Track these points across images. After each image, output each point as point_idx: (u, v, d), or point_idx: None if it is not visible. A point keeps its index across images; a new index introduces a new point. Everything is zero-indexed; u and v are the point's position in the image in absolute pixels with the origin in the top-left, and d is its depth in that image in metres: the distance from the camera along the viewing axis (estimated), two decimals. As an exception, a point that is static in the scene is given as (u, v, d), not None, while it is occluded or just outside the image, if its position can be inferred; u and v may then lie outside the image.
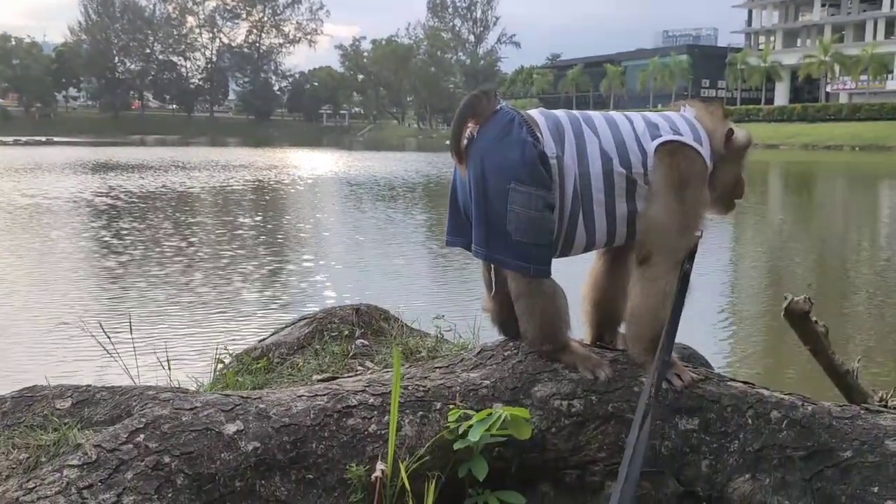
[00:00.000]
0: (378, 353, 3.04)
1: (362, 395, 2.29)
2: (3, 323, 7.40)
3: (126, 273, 10.21)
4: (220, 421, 2.01)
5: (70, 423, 2.01)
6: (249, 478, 1.96)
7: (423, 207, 20.31)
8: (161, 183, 24.58)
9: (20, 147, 56.16)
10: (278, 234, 14.47)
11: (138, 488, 1.77)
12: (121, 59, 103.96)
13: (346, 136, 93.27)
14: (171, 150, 52.85)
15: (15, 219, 15.88)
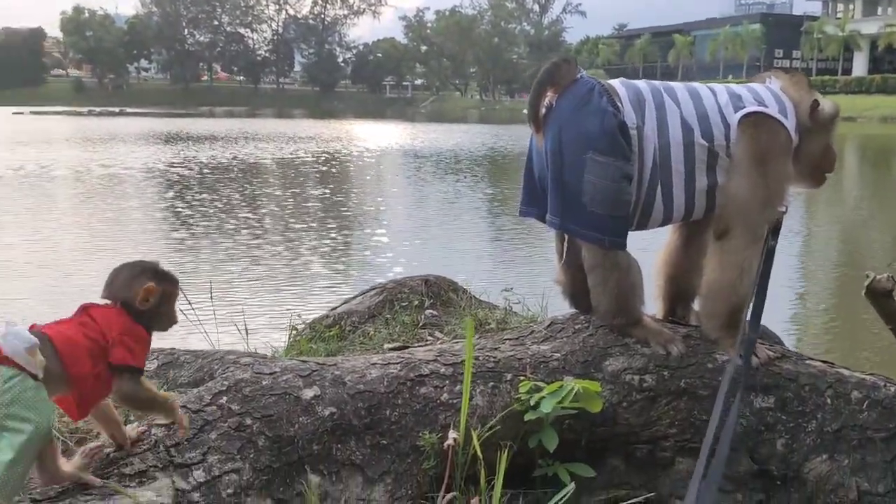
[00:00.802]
0: (447, 323, 3.07)
1: (434, 364, 2.32)
2: (83, 290, 7.69)
3: (200, 244, 10.47)
4: (298, 386, 2.07)
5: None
6: (326, 441, 2.01)
7: (490, 181, 20.22)
8: (231, 154, 25.05)
9: (94, 118, 57.99)
10: (346, 206, 14.62)
11: (222, 448, 1.84)
12: (190, 31, 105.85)
13: (408, 108, 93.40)
14: (239, 121, 53.82)
15: (93, 189, 16.44)
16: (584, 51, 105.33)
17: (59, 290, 7.69)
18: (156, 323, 1.76)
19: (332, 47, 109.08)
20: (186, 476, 1.75)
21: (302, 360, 2.21)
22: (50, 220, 12.04)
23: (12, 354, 1.51)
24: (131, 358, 1.67)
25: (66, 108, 68.93)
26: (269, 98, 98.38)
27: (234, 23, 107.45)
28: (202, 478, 1.76)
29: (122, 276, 1.75)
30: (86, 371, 1.60)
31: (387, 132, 42.36)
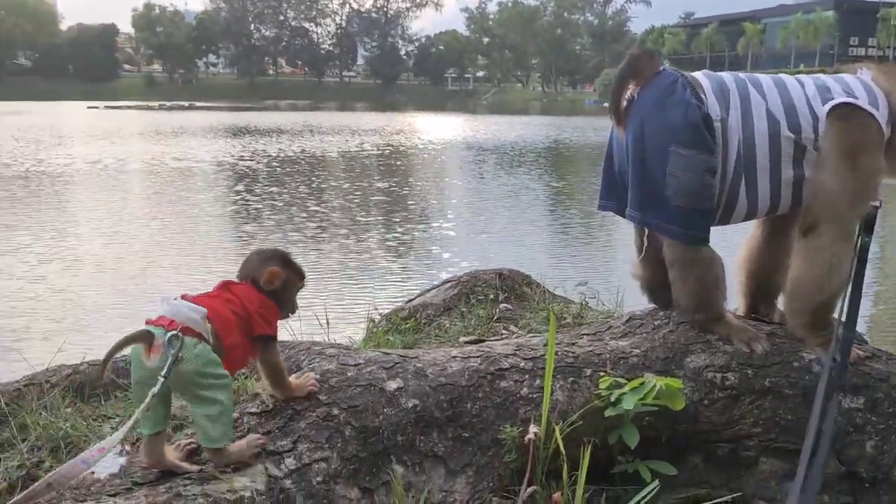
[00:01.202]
0: (522, 317, 3.07)
1: (513, 358, 2.33)
2: (157, 283, 7.92)
3: (270, 237, 10.67)
4: (381, 378, 2.10)
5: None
6: (410, 433, 2.04)
7: (556, 173, 20.08)
8: (298, 147, 25.45)
9: (165, 112, 59.59)
10: (412, 199, 14.71)
11: (311, 437, 1.88)
12: (256, 26, 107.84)
13: (470, 100, 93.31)
14: (303, 114, 54.58)
15: (166, 182, 16.91)
16: (649, 41, 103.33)
17: (133, 282, 7.95)
18: (280, 306, 1.92)
19: (395, 40, 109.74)
20: (278, 463, 1.80)
21: (384, 352, 2.25)
22: (124, 214, 12.44)
23: (192, 324, 1.66)
24: (269, 328, 1.85)
25: (139, 103, 70.98)
26: (333, 91, 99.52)
27: (298, 17, 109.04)
28: (293, 465, 1.81)
29: (255, 259, 1.92)
30: (236, 342, 1.75)
31: (449, 124, 42.43)
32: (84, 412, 1.95)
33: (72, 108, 59.21)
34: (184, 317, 1.67)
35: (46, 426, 1.82)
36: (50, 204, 13.63)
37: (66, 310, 6.98)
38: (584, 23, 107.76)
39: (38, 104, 64.68)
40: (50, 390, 2.05)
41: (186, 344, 1.64)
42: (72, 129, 34.27)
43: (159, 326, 1.65)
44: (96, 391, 2.12)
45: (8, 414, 1.87)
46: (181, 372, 1.63)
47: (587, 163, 23.30)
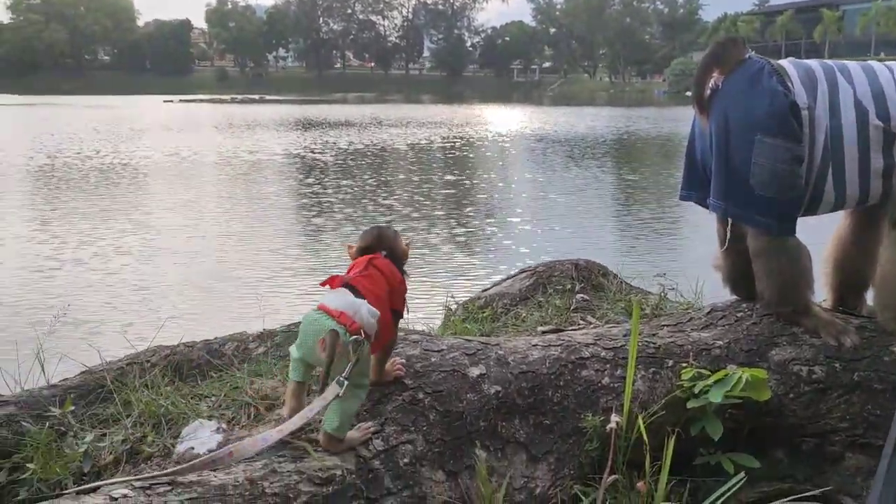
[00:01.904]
0: (599, 308, 3.07)
1: (594, 347, 2.33)
2: (231, 276, 8.13)
3: (343, 230, 10.81)
4: (465, 364, 2.14)
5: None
6: (492, 419, 2.07)
7: (628, 165, 19.79)
8: (367, 140, 25.72)
9: (237, 105, 60.98)
10: (482, 192, 14.69)
11: (398, 420, 1.93)
12: (325, 19, 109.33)
13: (535, 92, 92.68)
14: (370, 107, 55.08)
15: (240, 174, 17.33)
16: (722, 29, 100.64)
17: (208, 275, 8.17)
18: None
19: (461, 32, 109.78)
20: (367, 444, 1.85)
21: (466, 339, 2.28)
22: (200, 206, 12.77)
23: (369, 328, 1.74)
24: (404, 304, 1.95)
25: (212, 96, 72.80)
26: (398, 84, 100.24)
27: (366, 10, 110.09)
28: (381, 447, 1.86)
29: (388, 232, 2.02)
30: (386, 319, 1.84)
31: (515, 116, 42.23)
32: (182, 391, 2.04)
33: (148, 101, 61.12)
34: (363, 320, 1.73)
35: (148, 403, 1.91)
36: (131, 195, 14.13)
37: (152, 296, 7.27)
38: (653, 11, 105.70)
39: (117, 98, 67.00)
40: (150, 369, 2.15)
41: (364, 346, 1.72)
42: (149, 122, 35.40)
43: (341, 325, 1.70)
44: (193, 371, 2.22)
45: (113, 391, 1.97)
46: (343, 368, 1.71)
47: (659, 155, 22.91)
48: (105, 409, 1.97)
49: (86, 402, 1.98)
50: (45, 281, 7.86)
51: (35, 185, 15.30)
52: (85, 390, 2.05)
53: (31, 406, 1.94)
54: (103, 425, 1.91)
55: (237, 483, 1.63)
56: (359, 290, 1.78)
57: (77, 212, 11.99)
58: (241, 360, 2.26)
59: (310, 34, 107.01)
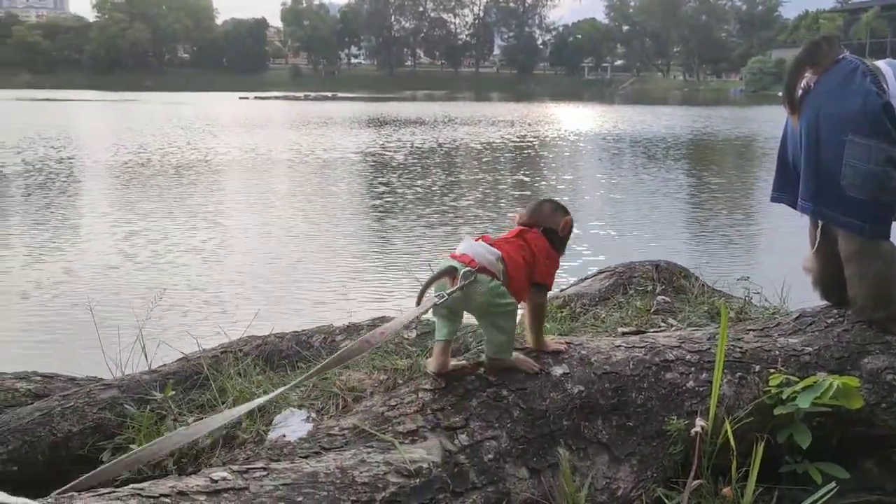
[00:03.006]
0: (680, 310, 3.03)
1: (679, 350, 2.31)
2: (293, 277, 8.27)
3: (416, 226, 10.89)
4: (548, 362, 2.15)
5: (417, 351, 2.26)
6: (575, 418, 2.08)
7: (708, 167, 19.32)
8: (438, 138, 25.82)
9: (310, 102, 62.05)
10: (556, 192, 14.52)
11: (482, 415, 1.95)
12: (396, 18, 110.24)
13: (607, 90, 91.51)
14: (440, 104, 55.30)
15: (313, 172, 17.63)
16: (802, 26, 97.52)
17: (285, 271, 8.35)
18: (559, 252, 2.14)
19: (532, 30, 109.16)
20: (452, 438, 1.88)
21: (549, 337, 2.29)
22: (276, 203, 13.00)
23: (487, 264, 1.94)
24: (549, 279, 2.09)
25: (285, 93, 74.25)
26: (468, 81, 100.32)
27: (437, 9, 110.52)
28: (466, 441, 1.88)
29: (547, 207, 2.14)
30: (522, 285, 2.01)
31: (586, 115, 41.81)
32: (273, 380, 2.11)
33: (225, 98, 62.70)
34: (481, 257, 1.94)
35: (242, 391, 1.98)
36: (212, 191, 14.55)
37: (238, 289, 7.52)
38: (731, 8, 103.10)
39: (195, 95, 68.94)
40: (243, 358, 2.23)
41: (481, 280, 1.91)
42: (225, 118, 36.34)
43: (461, 263, 1.93)
44: (282, 361, 2.29)
45: (209, 378, 2.05)
46: (476, 302, 1.93)
47: (739, 156, 22.33)
48: (201, 395, 2.05)
49: (183, 388, 2.06)
50: (133, 273, 8.18)
51: (119, 180, 15.90)
52: (182, 376, 2.13)
53: (133, 390, 2.03)
54: (200, 410, 1.99)
55: (328, 471, 1.68)
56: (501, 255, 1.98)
57: (162, 207, 12.40)
58: (328, 351, 2.31)
59: (381, 32, 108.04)
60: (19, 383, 2.16)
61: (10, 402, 2.08)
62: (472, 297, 1.93)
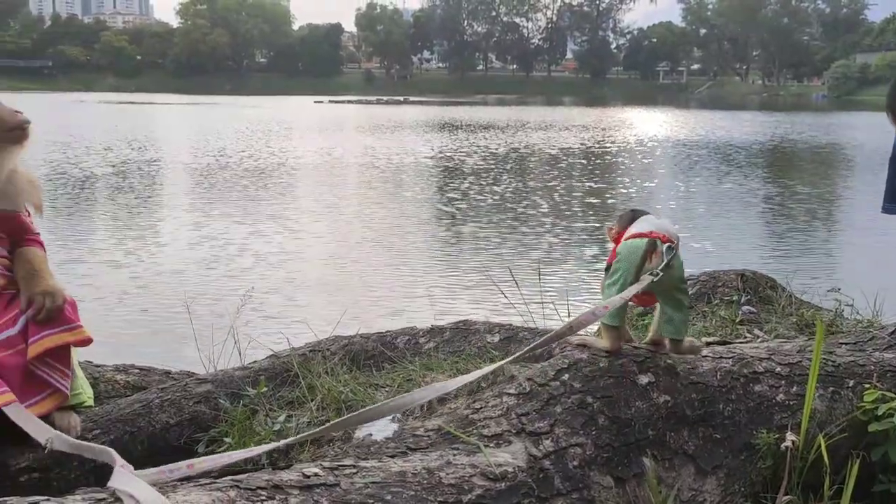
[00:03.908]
0: (767, 321, 2.95)
1: (768, 362, 2.26)
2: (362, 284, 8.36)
3: (485, 236, 10.87)
4: (633, 371, 2.12)
5: (500, 355, 2.26)
6: (661, 428, 2.04)
7: (793, 176, 18.70)
8: (512, 143, 25.74)
9: (382, 106, 62.82)
10: (634, 200, 14.31)
11: (567, 422, 1.95)
12: (469, 22, 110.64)
13: (682, 94, 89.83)
14: (512, 109, 55.22)
15: (384, 177, 17.81)
16: (890, 30, 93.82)
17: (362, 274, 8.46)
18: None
19: (606, 34, 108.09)
20: (537, 444, 1.88)
21: (634, 346, 2.26)
22: (347, 208, 13.12)
23: (676, 241, 2.08)
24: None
25: (359, 97, 75.45)
26: (539, 85, 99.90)
27: (510, 13, 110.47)
28: (551, 447, 1.88)
29: (627, 216, 2.23)
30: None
31: (662, 119, 41.10)
32: (359, 379, 2.14)
33: (300, 102, 64.03)
34: (671, 234, 2.07)
35: (330, 389, 2.02)
36: (289, 195, 14.87)
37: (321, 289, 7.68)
38: (814, 11, 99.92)
39: (271, 98, 70.66)
40: (331, 357, 2.27)
41: (677, 255, 2.04)
42: (301, 122, 37.11)
43: (656, 238, 2.05)
44: (368, 361, 2.33)
45: (299, 375, 2.11)
46: (669, 276, 2.03)
47: (823, 164, 21.59)
48: (290, 392, 2.10)
49: (274, 385, 2.12)
50: (217, 273, 8.43)
51: (201, 182, 16.38)
52: (272, 373, 2.19)
53: (226, 385, 2.10)
54: (289, 407, 2.04)
55: (416, 471, 1.70)
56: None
57: (243, 209, 12.71)
58: (412, 353, 2.34)
59: (454, 36, 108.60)
60: (119, 375, 2.26)
61: (111, 394, 2.18)
62: (669, 273, 2.02)
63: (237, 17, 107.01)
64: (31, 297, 1.89)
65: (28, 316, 1.87)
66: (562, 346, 2.29)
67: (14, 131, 1.92)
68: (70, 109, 42.35)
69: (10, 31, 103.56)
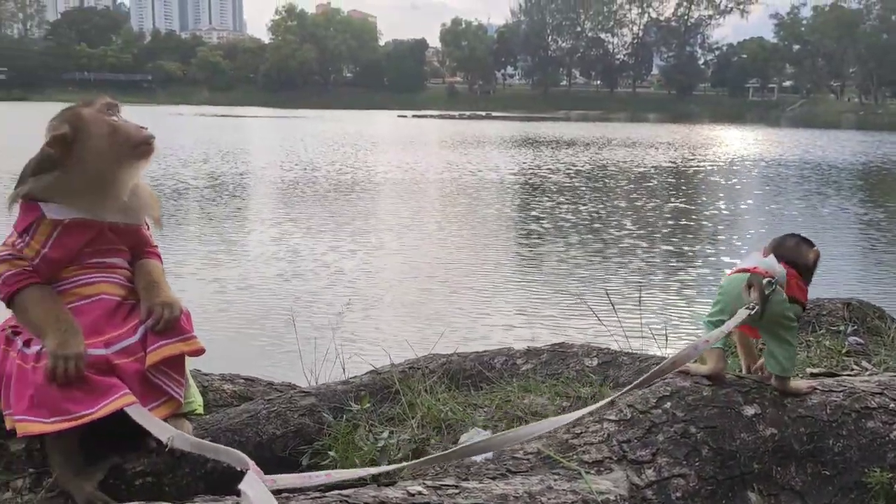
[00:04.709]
0: (876, 353, 2.83)
1: (881, 398, 2.16)
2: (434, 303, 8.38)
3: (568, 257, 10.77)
4: (738, 402, 2.07)
5: (598, 379, 2.24)
6: (767, 462, 1.98)
7: None
8: (595, 160, 25.47)
9: (464, 121, 63.17)
10: (723, 222, 13.97)
11: (669, 451, 1.91)
12: (553, 38, 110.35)
13: (772, 112, 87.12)
14: (595, 125, 54.69)
15: (464, 193, 17.87)
16: None
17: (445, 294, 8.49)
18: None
19: (694, 49, 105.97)
20: (639, 472, 1.85)
21: (738, 375, 2.21)
22: (426, 226, 13.14)
23: (780, 278, 2.08)
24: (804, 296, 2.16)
25: (441, 112, 76.09)
26: (623, 102, 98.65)
27: (595, 28, 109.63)
28: (653, 477, 1.85)
29: (791, 242, 2.22)
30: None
31: (752, 138, 39.96)
32: (458, 398, 2.16)
33: (384, 116, 65.06)
34: (776, 272, 2.08)
35: (430, 407, 2.05)
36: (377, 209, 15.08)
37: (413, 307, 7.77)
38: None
39: (357, 113, 72.04)
40: (430, 375, 2.30)
41: (777, 291, 2.05)
42: (385, 136, 37.68)
43: (758, 274, 2.06)
44: (465, 381, 2.34)
45: (400, 392, 2.14)
46: (770, 313, 2.03)
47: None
48: (391, 409, 2.13)
49: (374, 400, 2.15)
50: (312, 287, 8.60)
51: (291, 195, 16.78)
52: (372, 389, 2.23)
53: (329, 399, 2.15)
54: (390, 423, 2.07)
55: (517, 495, 1.70)
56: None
57: (333, 223, 12.95)
58: (509, 374, 2.35)
59: (537, 52, 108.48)
60: (225, 385, 2.33)
61: (218, 402, 2.25)
62: (767, 309, 2.03)
63: (325, 33, 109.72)
64: (151, 308, 1.98)
65: (147, 326, 1.96)
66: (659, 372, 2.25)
67: (140, 147, 2.01)
68: (168, 122, 44.14)
69: (112, 47, 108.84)
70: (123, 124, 2.00)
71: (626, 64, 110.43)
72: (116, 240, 2.05)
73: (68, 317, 1.88)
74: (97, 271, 2.01)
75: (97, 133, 1.97)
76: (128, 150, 1.98)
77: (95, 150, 1.96)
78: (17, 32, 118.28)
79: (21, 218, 1.99)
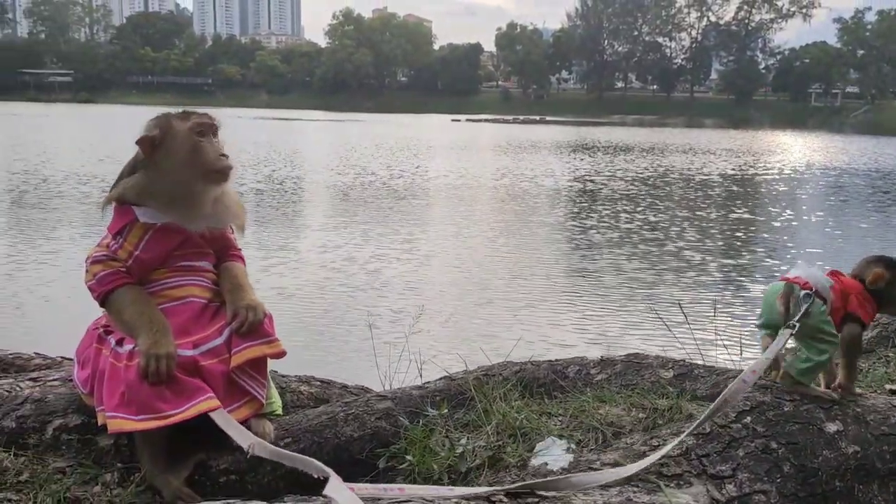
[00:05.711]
0: (959, 371, 2.75)
1: (968, 418, 2.10)
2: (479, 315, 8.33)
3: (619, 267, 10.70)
4: (820, 418, 2.04)
5: (675, 392, 2.23)
6: (849, 480, 1.95)
7: None
8: (651, 167, 25.09)
9: (518, 125, 63.05)
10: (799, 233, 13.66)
11: (750, 467, 1.89)
12: (609, 42, 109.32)
13: (835, 118, 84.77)
14: (652, 131, 53.98)
15: (514, 200, 17.77)
16: None
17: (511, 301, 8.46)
18: (884, 305, 2.20)
19: (754, 53, 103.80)
20: (720, 487, 1.83)
21: (827, 391, 2.17)
22: (484, 233, 13.06)
23: (822, 290, 2.07)
24: (863, 312, 2.14)
25: (495, 116, 76.05)
26: (680, 107, 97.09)
27: (653, 32, 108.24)
28: (734, 492, 1.83)
29: (869, 259, 2.22)
30: (839, 318, 2.11)
31: (819, 146, 39.12)
32: (531, 406, 2.17)
33: (438, 120, 65.29)
34: (817, 282, 2.08)
35: (505, 414, 2.06)
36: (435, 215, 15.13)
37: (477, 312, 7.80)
38: None
39: (411, 116, 72.44)
40: (503, 383, 2.31)
41: (815, 303, 2.04)
42: (440, 140, 37.80)
43: (796, 284, 2.07)
44: (539, 389, 2.35)
45: (475, 398, 2.15)
46: (807, 325, 2.04)
47: None
48: (465, 415, 2.15)
49: (450, 406, 2.17)
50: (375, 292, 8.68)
51: (349, 200, 16.93)
52: (447, 394, 2.25)
53: (405, 403, 2.17)
54: (465, 429, 2.09)
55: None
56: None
57: (391, 228, 13.04)
58: (583, 383, 2.34)
59: (593, 56, 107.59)
60: (302, 386, 2.38)
61: (296, 403, 2.30)
62: (804, 320, 2.03)
63: (381, 38, 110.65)
64: (236, 311, 2.03)
65: (233, 328, 2.01)
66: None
67: (211, 175, 2.05)
68: (228, 125, 44.88)
69: (174, 51, 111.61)
70: (206, 148, 2.05)
71: (684, 68, 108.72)
72: (203, 243, 2.11)
73: (160, 317, 1.95)
74: (186, 274, 2.08)
75: (179, 148, 2.03)
76: (200, 174, 2.03)
77: (172, 164, 2.02)
78: (83, 36, 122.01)
79: (115, 220, 2.07)
